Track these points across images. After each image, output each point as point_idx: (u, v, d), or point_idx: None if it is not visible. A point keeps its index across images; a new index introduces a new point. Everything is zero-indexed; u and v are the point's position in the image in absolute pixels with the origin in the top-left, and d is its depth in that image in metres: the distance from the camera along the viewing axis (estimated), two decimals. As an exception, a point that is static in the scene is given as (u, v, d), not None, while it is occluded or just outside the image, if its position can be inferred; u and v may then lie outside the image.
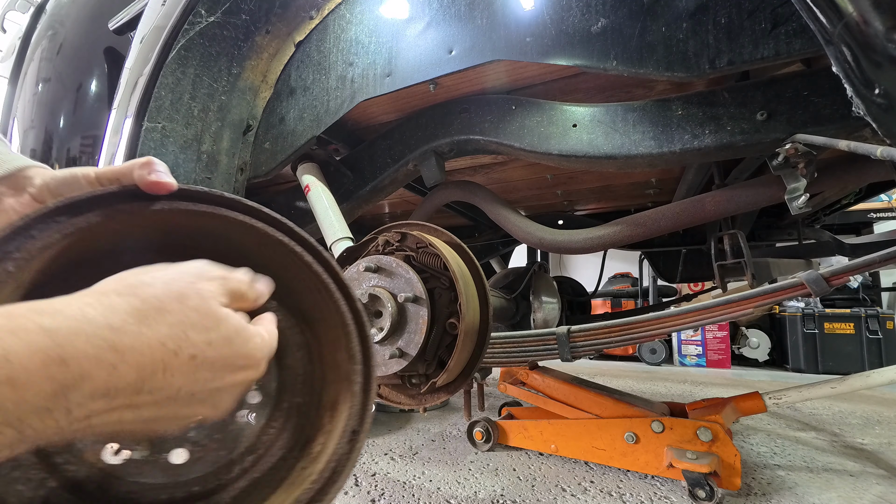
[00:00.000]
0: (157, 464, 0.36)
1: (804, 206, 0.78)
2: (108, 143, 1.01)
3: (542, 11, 0.84)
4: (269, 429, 0.41)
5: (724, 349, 3.44)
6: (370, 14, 1.03)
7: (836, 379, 1.12)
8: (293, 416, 0.42)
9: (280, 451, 0.41)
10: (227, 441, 0.39)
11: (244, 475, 0.39)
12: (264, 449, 0.40)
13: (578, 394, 1.36)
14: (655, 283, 3.50)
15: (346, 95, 1.04)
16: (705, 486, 1.04)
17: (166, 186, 0.34)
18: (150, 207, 0.34)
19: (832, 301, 3.28)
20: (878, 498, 1.10)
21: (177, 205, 0.35)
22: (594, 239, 1.11)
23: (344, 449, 0.37)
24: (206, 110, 1.03)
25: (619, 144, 0.88)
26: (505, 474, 1.27)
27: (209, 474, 0.38)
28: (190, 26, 0.97)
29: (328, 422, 0.41)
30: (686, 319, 0.92)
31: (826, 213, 1.86)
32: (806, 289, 0.79)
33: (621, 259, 4.08)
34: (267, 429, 0.41)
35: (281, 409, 0.42)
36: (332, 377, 0.42)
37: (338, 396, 0.41)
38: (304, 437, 0.41)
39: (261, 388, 0.41)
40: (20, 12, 1.95)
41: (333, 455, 0.36)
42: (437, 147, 1.08)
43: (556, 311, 1.68)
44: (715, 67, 0.73)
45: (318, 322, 0.43)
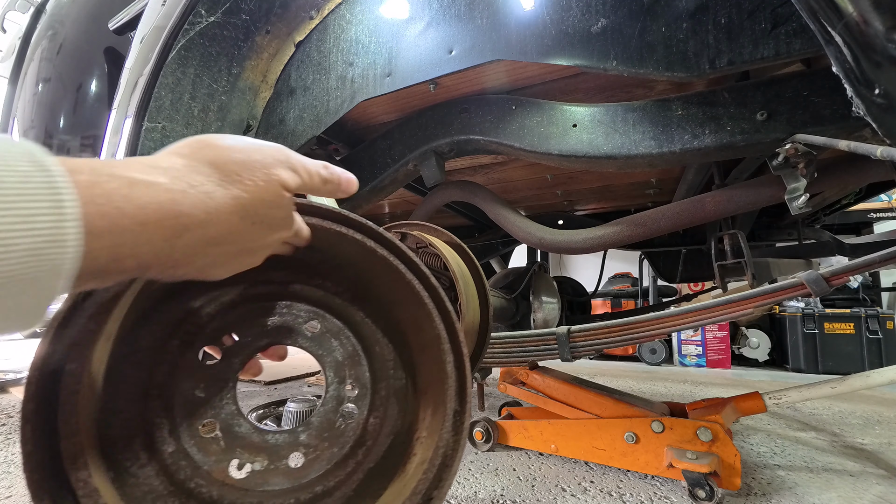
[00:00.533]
0: (278, 471, 0.38)
1: (804, 206, 0.78)
2: (108, 142, 1.01)
3: (542, 11, 0.84)
4: (372, 419, 0.42)
5: (724, 349, 3.43)
6: (370, 14, 1.03)
7: (836, 379, 1.12)
8: (393, 403, 0.43)
9: (388, 438, 0.42)
10: (335, 438, 0.40)
11: (359, 468, 0.40)
12: (372, 440, 0.42)
13: (578, 394, 1.36)
14: (655, 283, 3.50)
15: (346, 95, 1.04)
16: (705, 486, 1.04)
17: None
18: None
19: (832, 301, 3.28)
20: (878, 498, 1.10)
21: None
22: (594, 239, 1.11)
23: (449, 432, 0.37)
24: (207, 110, 1.03)
25: (619, 144, 0.88)
26: (505, 474, 1.27)
27: (327, 472, 0.39)
28: (190, 26, 0.97)
29: (428, 406, 0.41)
30: (686, 319, 0.92)
31: (826, 213, 1.86)
32: (806, 289, 0.79)
33: (621, 259, 4.08)
34: (370, 419, 0.42)
35: (379, 396, 0.43)
36: (423, 360, 0.42)
37: (432, 379, 0.41)
38: (407, 423, 0.42)
39: (355, 381, 0.43)
40: (20, 12, 1.95)
41: (440, 440, 0.36)
42: (437, 147, 1.08)
43: (556, 311, 1.68)
44: (715, 67, 0.73)
45: (397, 305, 0.43)
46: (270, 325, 0.42)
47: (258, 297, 0.43)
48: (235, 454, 0.38)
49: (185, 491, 0.35)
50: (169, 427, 0.36)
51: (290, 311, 0.43)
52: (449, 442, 0.37)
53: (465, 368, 0.39)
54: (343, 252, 0.41)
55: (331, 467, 0.39)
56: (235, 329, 0.41)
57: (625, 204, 1.98)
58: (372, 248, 0.39)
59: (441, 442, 0.36)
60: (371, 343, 0.44)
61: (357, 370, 0.43)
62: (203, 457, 0.36)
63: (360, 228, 0.39)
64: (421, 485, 0.34)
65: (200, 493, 0.35)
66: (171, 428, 0.36)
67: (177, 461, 0.36)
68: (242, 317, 0.42)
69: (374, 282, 0.43)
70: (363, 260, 0.40)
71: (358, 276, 0.43)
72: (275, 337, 0.42)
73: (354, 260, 0.41)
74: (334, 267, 0.44)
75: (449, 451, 0.37)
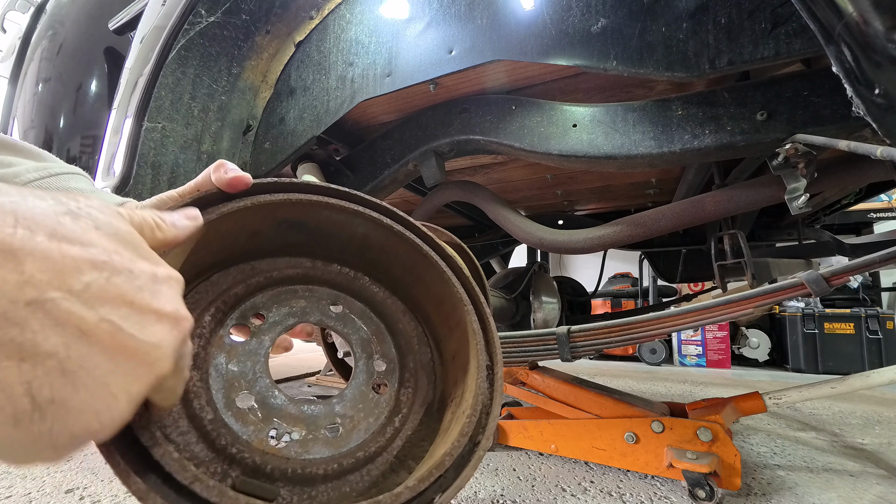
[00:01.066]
0: (317, 440, 0.39)
1: (804, 207, 0.78)
2: (108, 142, 1.01)
3: (542, 11, 0.84)
4: (403, 390, 0.44)
5: (724, 349, 3.43)
6: (370, 14, 1.03)
7: (836, 379, 1.12)
8: (422, 375, 0.45)
9: (422, 407, 0.44)
10: (370, 409, 0.42)
11: (398, 434, 0.42)
12: (407, 408, 0.43)
13: (578, 394, 1.36)
14: (655, 283, 3.50)
15: (346, 95, 1.04)
16: (705, 486, 1.04)
17: (243, 181, 0.36)
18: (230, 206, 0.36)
19: (832, 301, 3.28)
20: (878, 498, 1.10)
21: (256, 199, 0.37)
22: (594, 239, 1.11)
23: (484, 382, 0.39)
24: (206, 110, 1.03)
25: (619, 144, 0.88)
26: (505, 474, 1.27)
27: (366, 441, 0.40)
28: (190, 26, 0.97)
29: (458, 371, 0.43)
30: (686, 319, 0.92)
31: (826, 213, 1.86)
32: (806, 289, 0.79)
33: (621, 259, 4.08)
34: (402, 390, 0.44)
35: (408, 369, 0.45)
36: (445, 331, 0.44)
37: (459, 346, 0.42)
38: (438, 392, 0.44)
39: (383, 356, 0.44)
40: (20, 12, 1.95)
41: (479, 389, 0.38)
42: (437, 147, 1.08)
43: (556, 311, 1.68)
44: (715, 67, 0.73)
45: (417, 282, 0.45)
46: (296, 307, 0.44)
47: (282, 281, 0.45)
48: (273, 424, 0.38)
49: (228, 456, 0.36)
50: (206, 397, 0.37)
51: (312, 293, 0.45)
52: (486, 391, 0.39)
53: (490, 324, 0.41)
54: (358, 232, 0.43)
55: (369, 436, 0.41)
56: (264, 309, 0.43)
57: (625, 204, 1.98)
58: (388, 225, 0.41)
59: (480, 391, 0.38)
60: (394, 321, 0.47)
61: (383, 346, 0.45)
62: (241, 427, 0.37)
63: (374, 206, 0.41)
64: (466, 428, 0.36)
65: (243, 458, 0.36)
66: (207, 398, 0.37)
67: (217, 428, 0.36)
68: (270, 298, 0.43)
69: (392, 261, 0.45)
70: (380, 239, 0.42)
71: (375, 256, 0.45)
72: (301, 317, 0.44)
73: (370, 242, 0.43)
74: (352, 251, 0.46)
75: (486, 399, 0.39)
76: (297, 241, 0.43)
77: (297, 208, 0.39)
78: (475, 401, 0.37)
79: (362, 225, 0.42)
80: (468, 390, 0.40)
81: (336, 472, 0.39)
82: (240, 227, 0.39)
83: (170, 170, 0.98)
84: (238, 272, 0.43)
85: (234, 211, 0.36)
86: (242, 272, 0.43)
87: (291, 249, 0.45)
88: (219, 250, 0.39)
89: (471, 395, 0.38)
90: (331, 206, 0.40)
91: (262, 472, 0.37)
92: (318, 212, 0.40)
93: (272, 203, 0.38)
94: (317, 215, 0.41)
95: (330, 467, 0.39)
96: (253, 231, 0.40)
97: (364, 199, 0.41)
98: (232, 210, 0.36)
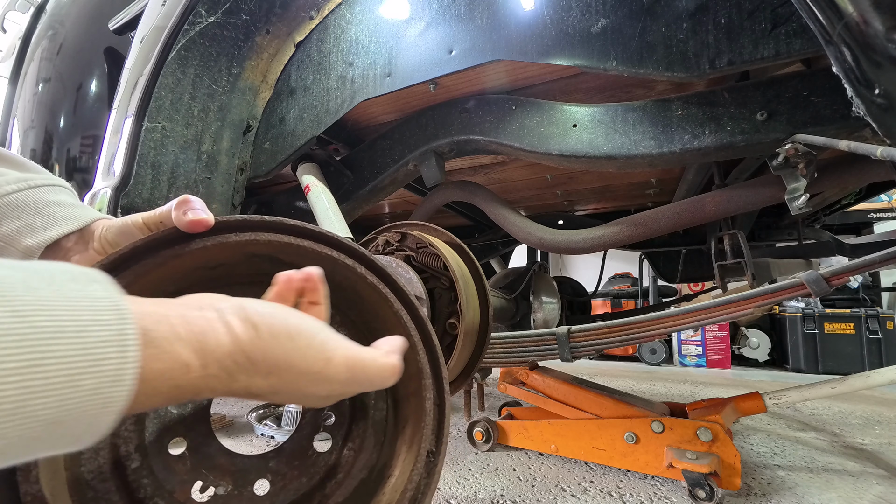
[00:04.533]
0: (242, 497, 0.37)
1: (804, 207, 0.78)
2: (108, 143, 1.01)
3: (542, 11, 0.84)
4: (347, 450, 0.41)
5: (724, 349, 3.43)
6: (370, 14, 1.03)
7: (836, 379, 1.12)
8: (370, 435, 0.41)
9: (361, 473, 0.40)
10: (306, 467, 0.39)
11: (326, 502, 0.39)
12: (344, 473, 0.40)
13: (578, 394, 1.35)
14: (655, 283, 3.50)
15: (346, 95, 1.04)
16: (705, 487, 1.04)
17: (203, 224, 0.35)
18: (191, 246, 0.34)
19: (832, 301, 3.28)
20: (878, 498, 1.10)
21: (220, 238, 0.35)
22: (594, 239, 1.11)
23: (420, 473, 0.35)
24: (207, 110, 1.03)
25: (619, 144, 0.88)
26: (505, 474, 1.27)
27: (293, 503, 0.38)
28: (190, 26, 0.97)
29: (404, 443, 0.39)
30: (686, 319, 0.92)
31: (826, 213, 1.86)
32: (806, 289, 0.79)
33: (621, 259, 4.08)
34: (345, 450, 0.41)
35: (357, 427, 0.42)
36: (404, 393, 0.41)
37: (410, 415, 0.39)
38: (382, 460, 0.40)
39: (334, 409, 0.41)
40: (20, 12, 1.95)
41: (410, 481, 0.35)
42: (437, 147, 1.08)
43: (556, 311, 1.68)
44: (715, 67, 0.73)
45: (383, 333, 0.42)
46: None
47: None
48: (201, 475, 0.37)
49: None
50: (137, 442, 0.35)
51: None
52: (419, 485, 0.35)
53: (446, 407, 0.37)
54: (335, 274, 0.40)
55: (297, 499, 0.38)
56: None
57: (625, 204, 1.98)
58: (362, 274, 0.38)
59: (410, 484, 0.35)
60: None
61: None
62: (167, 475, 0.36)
63: (352, 254, 0.38)
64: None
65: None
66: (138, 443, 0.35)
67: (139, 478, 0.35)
68: None
69: (361, 308, 0.42)
70: (354, 284, 0.40)
71: (349, 300, 0.42)
72: None
73: (346, 284, 0.40)
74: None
75: (419, 494, 0.35)
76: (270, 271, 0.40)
77: (266, 247, 0.37)
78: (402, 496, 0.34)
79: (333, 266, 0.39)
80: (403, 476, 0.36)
81: None
82: (204, 260, 0.37)
83: (170, 170, 0.98)
84: None
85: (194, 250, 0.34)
86: None
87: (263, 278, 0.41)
88: (180, 279, 0.37)
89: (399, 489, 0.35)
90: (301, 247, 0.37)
91: None
92: (289, 250, 0.38)
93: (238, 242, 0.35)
94: (289, 252, 0.38)
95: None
96: (220, 262, 0.38)
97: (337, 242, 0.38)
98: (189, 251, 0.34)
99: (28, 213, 0.38)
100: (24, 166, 0.42)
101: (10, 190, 0.39)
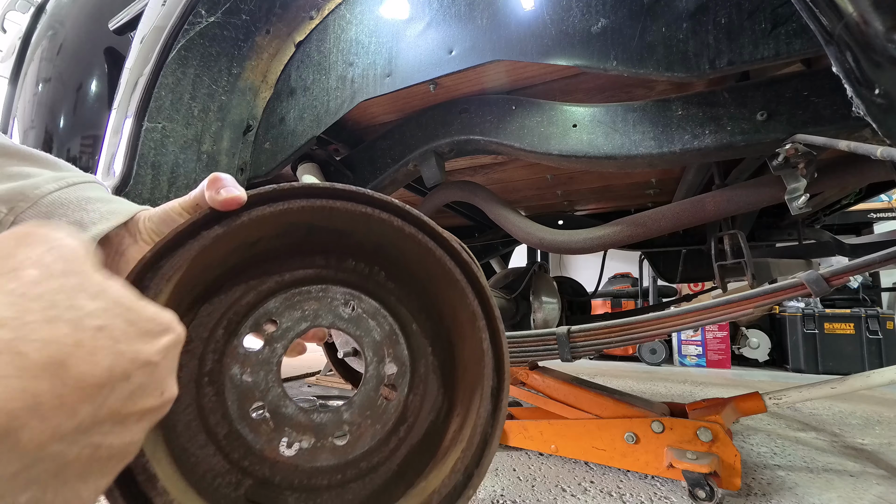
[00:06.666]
0: (324, 448, 0.40)
1: (804, 207, 0.78)
2: (108, 143, 1.01)
3: (542, 12, 0.84)
4: (412, 396, 0.43)
5: (724, 349, 3.43)
6: (370, 14, 1.03)
7: (836, 379, 1.11)
8: (433, 380, 0.44)
9: (429, 416, 0.43)
10: (377, 416, 0.42)
11: (402, 444, 0.42)
12: (413, 417, 0.43)
13: (578, 394, 1.35)
14: (655, 283, 3.50)
15: (346, 95, 1.04)
16: (705, 487, 1.04)
17: (237, 200, 0.35)
18: (230, 224, 0.36)
19: (832, 301, 3.28)
20: (878, 498, 1.10)
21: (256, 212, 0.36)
22: (594, 239, 1.11)
23: (487, 409, 0.37)
24: (207, 110, 1.03)
25: (619, 144, 0.88)
26: (505, 474, 1.27)
27: (371, 450, 0.41)
28: (190, 26, 0.97)
29: (466, 384, 0.41)
30: (686, 319, 0.92)
31: (826, 213, 1.86)
32: (806, 289, 0.79)
33: (621, 259, 4.08)
34: (411, 397, 0.43)
35: (418, 374, 0.44)
36: (460, 337, 0.43)
37: (468, 358, 0.41)
38: (448, 400, 0.43)
39: (395, 359, 0.44)
40: (20, 12, 1.95)
41: (479, 418, 0.36)
42: (437, 147, 1.08)
43: (556, 311, 1.68)
44: (715, 68, 0.73)
45: (432, 282, 0.43)
46: (308, 310, 0.43)
47: (294, 283, 0.44)
48: (284, 433, 0.40)
49: (241, 469, 0.38)
50: (222, 412, 0.39)
51: (325, 294, 0.44)
52: (487, 420, 0.37)
53: (502, 345, 0.39)
54: (372, 232, 0.41)
55: (374, 444, 0.41)
56: (276, 316, 0.42)
57: (625, 204, 1.98)
58: (399, 227, 0.39)
59: (479, 420, 0.36)
60: (408, 322, 0.45)
61: (395, 349, 0.44)
62: (255, 437, 0.39)
63: (386, 207, 0.39)
64: (460, 463, 0.35)
65: (254, 469, 0.38)
66: (223, 412, 0.39)
67: (231, 442, 0.38)
68: (281, 304, 0.43)
69: (407, 261, 0.43)
70: (393, 239, 0.41)
71: (390, 255, 0.44)
72: (313, 321, 0.43)
73: (384, 240, 0.42)
74: (366, 248, 0.44)
75: (488, 428, 0.37)
76: (309, 239, 0.42)
77: (301, 214, 0.38)
78: (474, 431, 0.36)
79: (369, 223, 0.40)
80: (470, 416, 0.38)
81: (340, 482, 0.39)
82: (244, 236, 0.38)
83: (170, 170, 0.98)
84: (249, 278, 0.42)
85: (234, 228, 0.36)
86: (253, 277, 0.42)
87: (304, 247, 0.43)
88: (226, 260, 0.39)
89: (470, 424, 0.37)
90: (335, 209, 0.38)
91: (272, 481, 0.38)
92: (323, 213, 0.39)
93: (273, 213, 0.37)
94: (324, 216, 0.40)
95: (335, 476, 0.39)
96: (259, 237, 0.40)
97: (370, 198, 0.39)
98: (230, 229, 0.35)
99: (73, 209, 0.39)
100: (56, 165, 0.43)
101: (52, 189, 0.39)
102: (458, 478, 0.35)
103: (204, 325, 0.40)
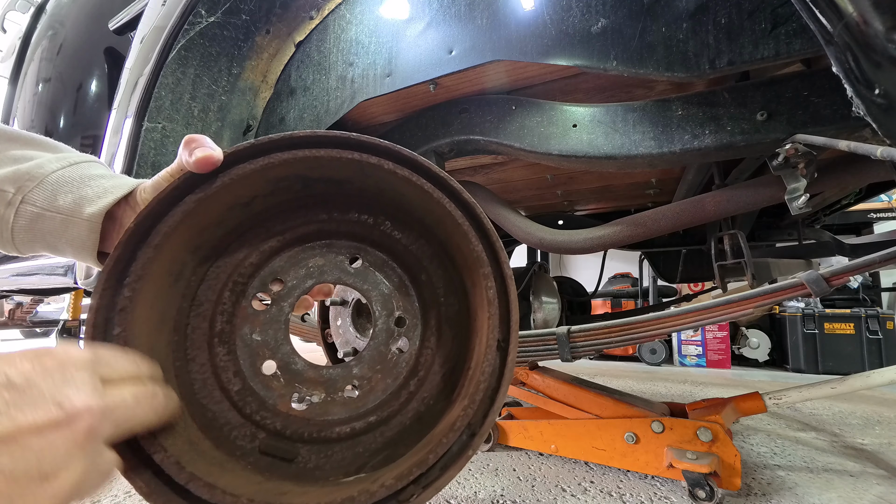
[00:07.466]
0: (335, 402, 0.40)
1: (804, 207, 0.78)
2: (108, 143, 1.01)
3: (542, 12, 0.84)
4: (424, 348, 0.43)
5: (724, 349, 3.43)
6: (370, 14, 1.03)
7: (836, 379, 1.11)
8: (446, 331, 0.43)
9: (442, 368, 0.42)
10: (388, 370, 0.42)
11: (413, 398, 0.41)
12: (425, 370, 0.42)
13: (578, 394, 1.35)
14: (655, 283, 3.50)
15: (346, 95, 1.04)
16: (705, 487, 1.04)
17: (210, 160, 0.34)
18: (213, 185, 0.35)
19: (832, 301, 3.28)
20: (878, 498, 1.10)
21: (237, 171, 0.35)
22: (594, 239, 1.11)
23: (491, 364, 0.34)
24: (207, 110, 1.03)
25: (619, 144, 0.88)
26: (505, 474, 1.27)
27: (382, 403, 0.41)
28: (190, 26, 0.97)
29: (476, 335, 0.40)
30: (686, 319, 0.92)
31: (826, 213, 1.86)
32: (806, 289, 0.79)
33: (621, 259, 4.08)
34: (423, 349, 0.43)
35: (430, 326, 0.43)
36: (472, 284, 0.41)
37: (478, 306, 0.40)
38: (461, 354, 0.42)
39: (405, 312, 0.43)
40: (20, 12, 1.95)
41: (482, 373, 0.34)
42: (437, 147, 1.08)
43: (556, 311, 1.68)
44: (715, 68, 0.73)
45: (439, 226, 0.41)
46: (313, 266, 0.43)
47: (298, 240, 0.43)
48: (295, 388, 0.40)
49: (255, 422, 0.39)
50: (234, 369, 0.39)
51: (330, 248, 0.44)
52: (491, 376, 0.34)
53: (510, 294, 0.36)
54: (369, 178, 0.39)
55: (386, 397, 0.41)
56: (281, 274, 0.43)
57: (625, 204, 1.98)
58: (392, 170, 0.36)
59: (483, 376, 0.34)
60: (418, 271, 0.44)
61: (405, 301, 0.43)
62: (267, 392, 0.40)
63: (375, 150, 0.36)
64: (460, 421, 0.32)
65: (268, 422, 0.39)
66: (235, 370, 0.39)
67: (244, 397, 0.39)
68: (286, 262, 0.43)
69: (411, 206, 0.41)
70: (392, 184, 0.38)
71: (393, 202, 0.42)
72: (318, 277, 0.43)
73: (384, 186, 0.39)
74: (367, 198, 0.43)
75: (493, 383, 0.34)
76: (307, 193, 0.41)
77: (287, 167, 0.36)
78: (475, 388, 0.33)
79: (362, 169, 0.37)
80: (479, 365, 0.35)
81: (351, 433, 0.40)
82: (234, 196, 0.37)
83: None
84: (252, 238, 0.42)
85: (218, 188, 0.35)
86: (257, 237, 0.42)
87: (304, 203, 0.42)
88: (223, 221, 0.39)
89: (478, 372, 0.34)
90: (320, 157, 0.36)
91: (284, 434, 0.39)
92: (311, 164, 0.37)
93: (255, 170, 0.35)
94: (313, 167, 0.37)
95: (344, 431, 0.40)
96: (252, 196, 0.39)
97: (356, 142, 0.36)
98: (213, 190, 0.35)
99: (77, 186, 0.40)
100: (56, 147, 0.44)
101: (56, 167, 0.41)
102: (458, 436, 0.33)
103: (212, 288, 0.40)
